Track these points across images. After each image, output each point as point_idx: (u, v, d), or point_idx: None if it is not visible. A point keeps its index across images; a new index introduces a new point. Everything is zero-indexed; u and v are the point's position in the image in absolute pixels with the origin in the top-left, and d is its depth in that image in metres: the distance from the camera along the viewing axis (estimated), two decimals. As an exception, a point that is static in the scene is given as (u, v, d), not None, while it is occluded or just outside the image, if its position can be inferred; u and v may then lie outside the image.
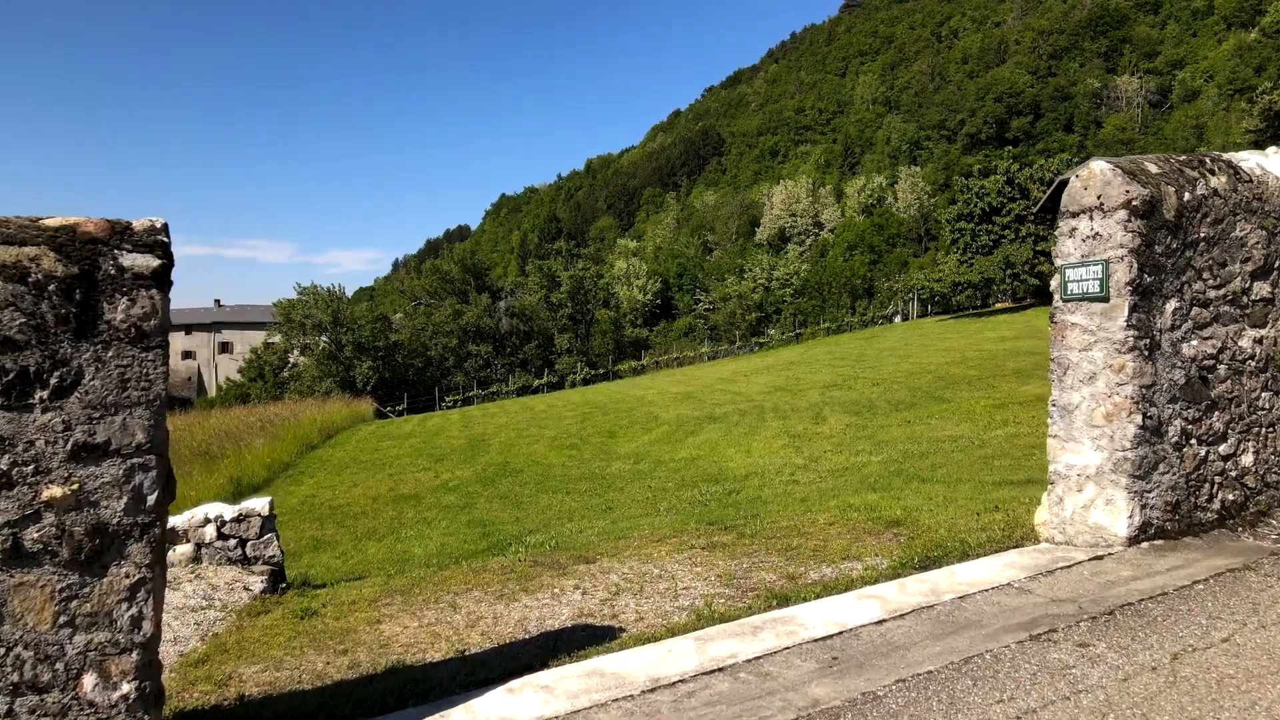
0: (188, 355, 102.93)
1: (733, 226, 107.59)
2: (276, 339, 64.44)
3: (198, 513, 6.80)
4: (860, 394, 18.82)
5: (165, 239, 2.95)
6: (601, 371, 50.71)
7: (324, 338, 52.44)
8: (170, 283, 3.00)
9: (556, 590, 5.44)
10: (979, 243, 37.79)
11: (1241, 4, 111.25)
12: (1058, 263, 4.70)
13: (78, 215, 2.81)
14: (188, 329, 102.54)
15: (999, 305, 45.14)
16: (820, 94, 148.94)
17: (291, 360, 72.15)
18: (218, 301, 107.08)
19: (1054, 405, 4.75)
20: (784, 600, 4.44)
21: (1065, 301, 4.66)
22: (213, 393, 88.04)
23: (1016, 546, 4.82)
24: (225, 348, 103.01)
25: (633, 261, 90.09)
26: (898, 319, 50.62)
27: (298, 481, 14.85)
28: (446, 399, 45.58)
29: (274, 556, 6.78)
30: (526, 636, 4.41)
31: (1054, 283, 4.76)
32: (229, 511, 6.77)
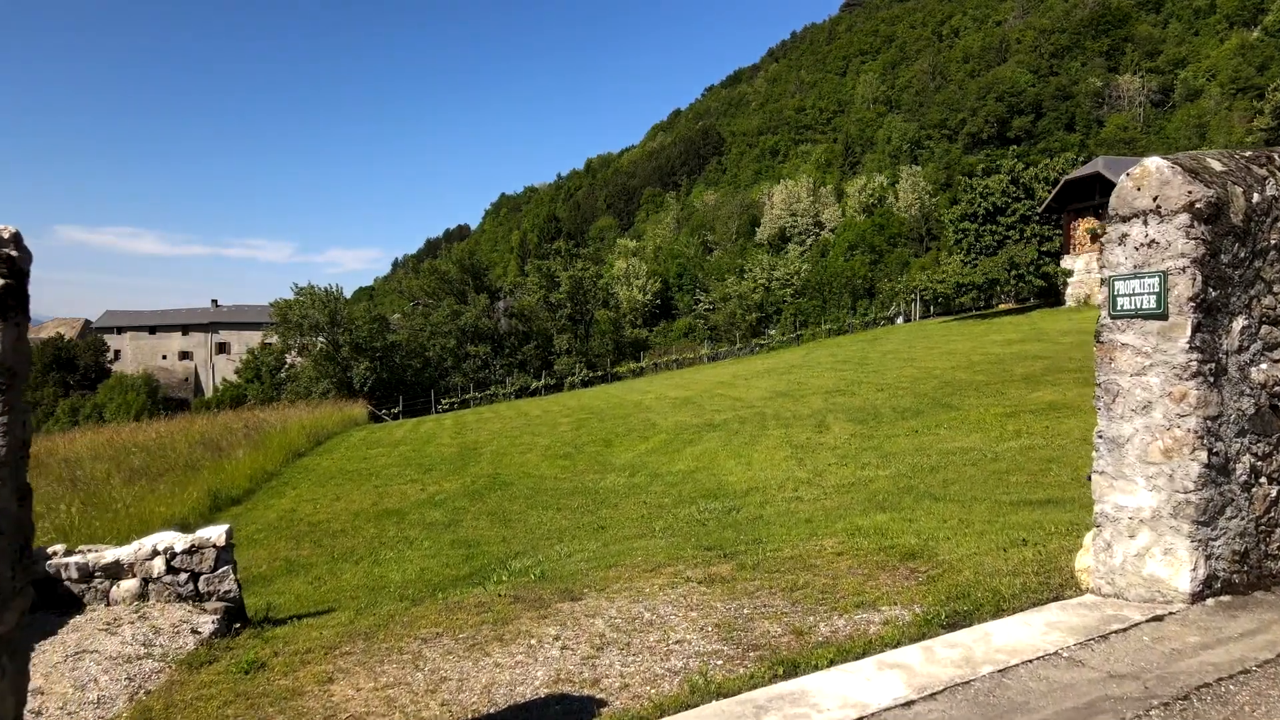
0: (185, 356, 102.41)
1: (733, 226, 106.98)
2: (273, 340, 63.90)
3: (145, 544, 6.19)
4: (864, 400, 18.20)
5: (15, 252, 2.33)
6: (600, 373, 50.08)
7: (321, 338, 51.85)
8: (22, 306, 2.37)
9: (534, 642, 4.82)
10: (983, 243, 37.14)
11: (1243, 3, 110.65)
12: (1104, 274, 4.09)
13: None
14: (185, 329, 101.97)
15: (1002, 306, 44.51)
16: (821, 93, 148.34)
17: (289, 361, 71.66)
18: (215, 302, 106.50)
19: (1100, 437, 4.13)
20: (792, 668, 3.82)
21: (1114, 318, 4.05)
22: (210, 394, 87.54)
23: (1057, 599, 4.20)
24: (223, 348, 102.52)
25: (632, 261, 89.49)
26: (899, 320, 49.99)
27: (280, 493, 14.19)
28: (443, 402, 44.96)
29: (229, 592, 6.17)
30: (492, 711, 3.80)
31: (1099, 295, 4.14)
32: (180, 542, 6.15)
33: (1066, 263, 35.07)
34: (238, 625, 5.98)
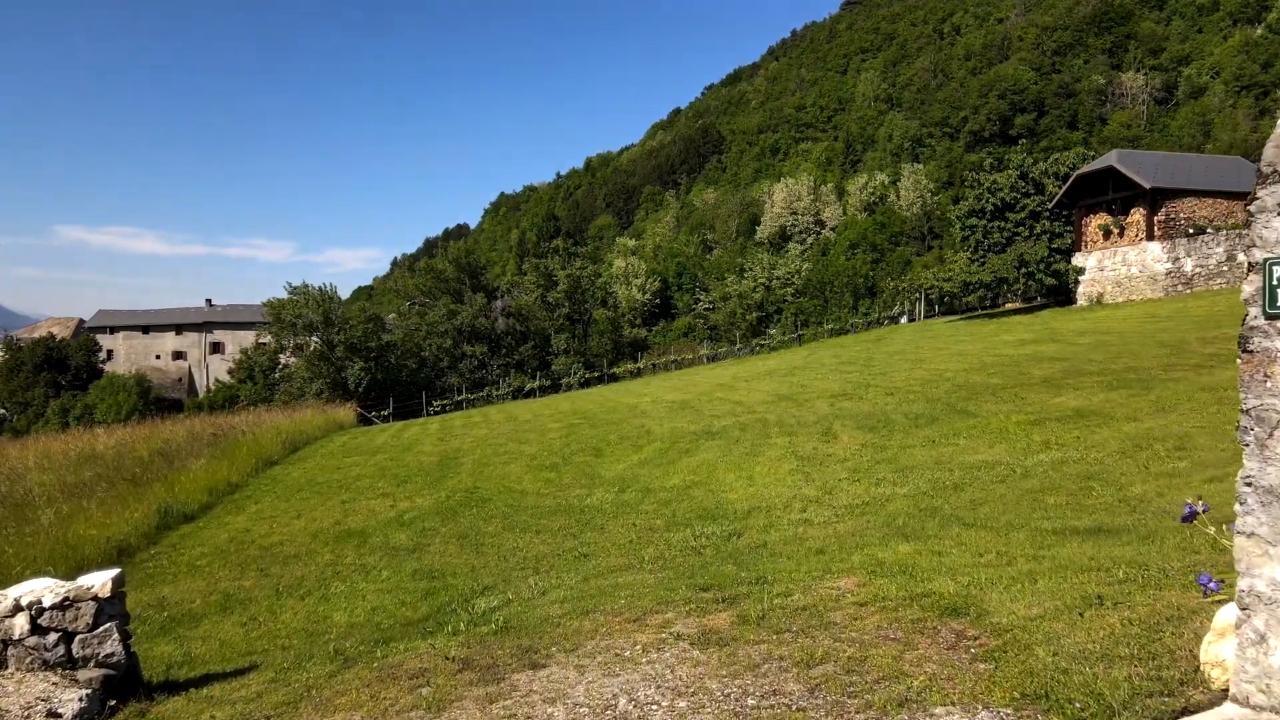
0: (178, 356, 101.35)
1: (733, 225, 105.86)
2: (267, 340, 62.86)
3: (9, 595, 5.01)
4: (873, 405, 17.03)
5: None
6: (598, 374, 48.94)
7: (315, 338, 50.75)
8: None
9: (470, 745, 3.65)
10: (991, 240, 35.92)
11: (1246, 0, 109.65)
12: (1257, 256, 2.92)
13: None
14: (178, 329, 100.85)
15: (1009, 306, 43.36)
16: (821, 91, 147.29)
17: (283, 361, 70.54)
18: (209, 301, 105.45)
19: (1248, 485, 2.97)
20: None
21: (1271, 318, 2.89)
22: (204, 394, 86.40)
23: (1186, 712, 3.03)
24: (217, 348, 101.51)
25: (631, 260, 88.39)
26: (904, 319, 48.84)
27: (240, 508, 12.99)
28: (434, 404, 43.81)
29: (112, 655, 5.00)
30: None
31: (1247, 289, 2.96)
32: (51, 594, 4.99)
33: (1078, 260, 33.89)
34: (114, 703, 4.81)
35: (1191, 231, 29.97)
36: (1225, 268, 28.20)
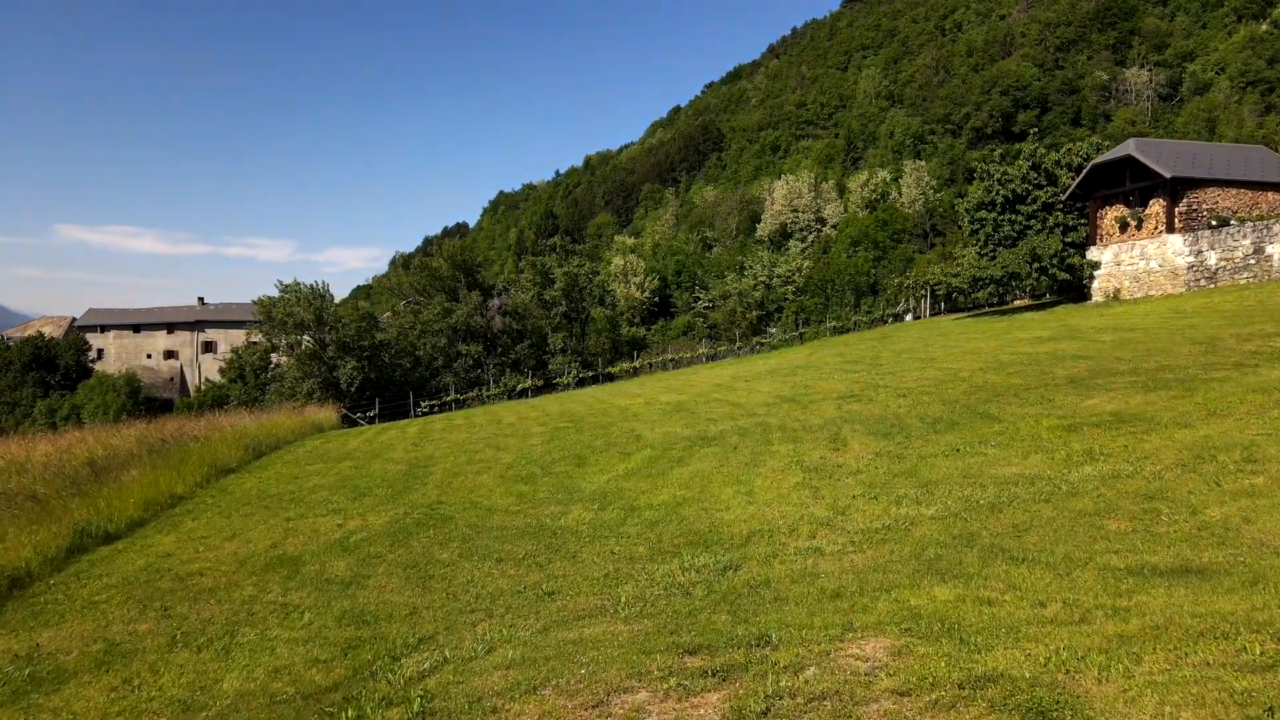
0: (170, 355, 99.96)
1: (733, 222, 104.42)
2: (258, 338, 61.50)
3: None
4: (884, 408, 15.55)
5: None
6: (592, 374, 47.50)
7: (307, 336, 49.34)
8: None
9: None
10: (1002, 233, 34.37)
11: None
12: None
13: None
14: (170, 328, 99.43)
15: (1018, 302, 41.88)
16: (822, 88, 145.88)
17: (274, 360, 69.07)
18: (201, 300, 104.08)
19: None
20: None
21: None
22: (195, 394, 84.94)
23: None
24: (209, 347, 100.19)
25: (630, 258, 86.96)
26: (908, 317, 47.35)
27: (174, 526, 11.42)
28: (422, 404, 42.34)
29: None
30: None
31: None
32: None
33: (1093, 254, 32.37)
34: None
35: (1214, 223, 28.46)
36: (1252, 261, 26.68)
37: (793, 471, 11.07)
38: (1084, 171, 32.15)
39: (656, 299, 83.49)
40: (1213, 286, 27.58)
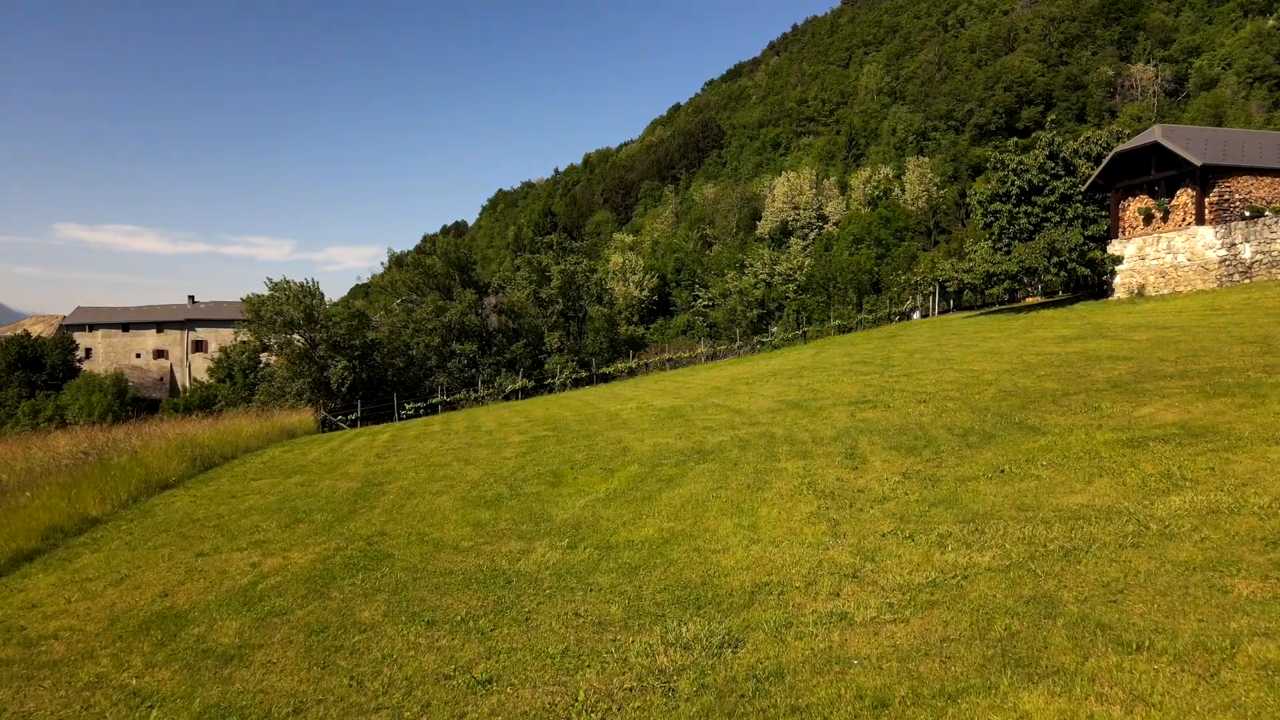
0: (160, 354, 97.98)
1: (733, 220, 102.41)
2: (246, 338, 59.62)
3: None
4: (904, 416, 13.69)
5: None
6: (586, 374, 45.63)
7: (296, 335, 47.44)
8: None
9: None
10: (1017, 226, 32.47)
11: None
12: None
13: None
14: (159, 326, 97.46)
15: (1029, 300, 40.00)
16: (823, 85, 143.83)
17: (264, 360, 67.04)
18: (191, 298, 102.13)
19: None
20: None
21: None
22: (183, 394, 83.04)
23: None
24: (199, 346, 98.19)
25: (629, 256, 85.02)
26: (916, 315, 45.47)
27: (65, 563, 9.44)
28: (407, 406, 40.48)
29: None
30: None
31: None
32: None
33: (1114, 248, 30.47)
34: None
35: (1248, 214, 26.57)
36: (1292, 254, 24.77)
37: (804, 497, 9.21)
38: (1105, 161, 30.24)
39: (655, 297, 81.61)
40: (1248, 282, 25.70)
